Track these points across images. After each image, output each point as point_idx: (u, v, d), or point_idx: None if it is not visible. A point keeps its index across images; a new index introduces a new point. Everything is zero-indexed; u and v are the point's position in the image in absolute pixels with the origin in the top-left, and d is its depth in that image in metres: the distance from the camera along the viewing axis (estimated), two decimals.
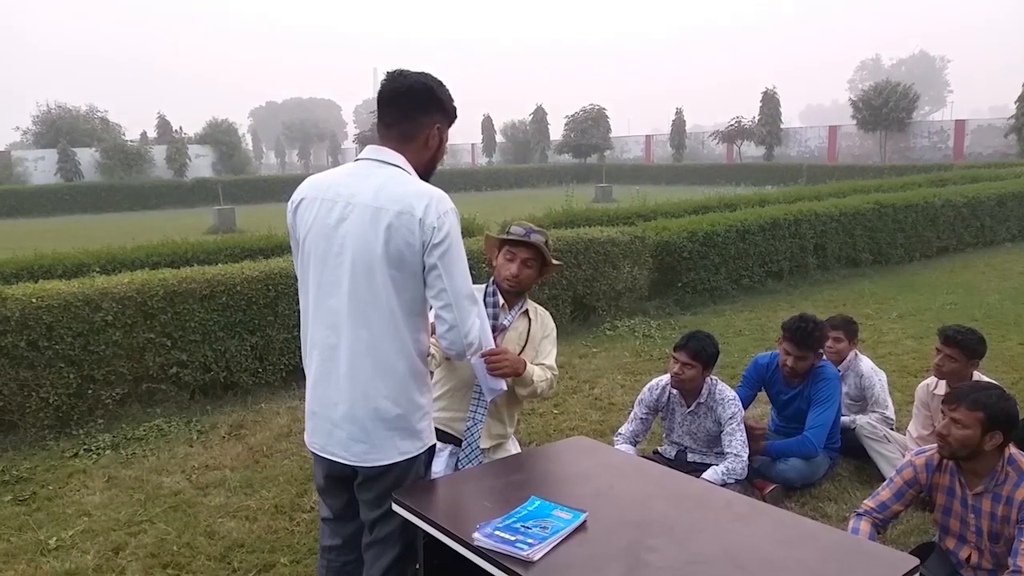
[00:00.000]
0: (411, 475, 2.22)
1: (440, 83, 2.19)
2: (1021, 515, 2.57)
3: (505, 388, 2.74)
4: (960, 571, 2.84)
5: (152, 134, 44.85)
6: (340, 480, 2.29)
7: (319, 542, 2.51)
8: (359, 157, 2.20)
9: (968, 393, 2.67)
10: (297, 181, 2.33)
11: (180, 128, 41.86)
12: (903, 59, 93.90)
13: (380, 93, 2.17)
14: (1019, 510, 2.58)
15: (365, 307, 2.07)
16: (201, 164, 40.90)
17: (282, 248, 7.27)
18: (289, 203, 2.24)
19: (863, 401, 4.36)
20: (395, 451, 2.14)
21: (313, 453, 2.28)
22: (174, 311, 5.19)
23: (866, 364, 4.41)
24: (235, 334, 5.45)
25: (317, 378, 2.19)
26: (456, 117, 2.26)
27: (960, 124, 34.99)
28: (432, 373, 2.92)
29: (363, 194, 2.07)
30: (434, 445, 2.31)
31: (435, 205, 2.04)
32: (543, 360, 3.02)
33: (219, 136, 42.72)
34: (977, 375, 3.71)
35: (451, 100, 2.21)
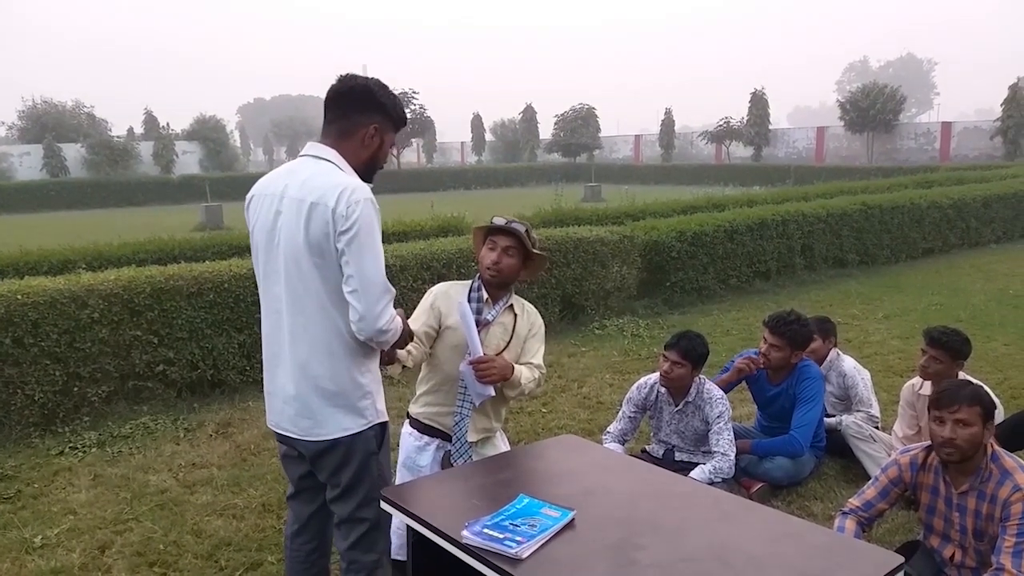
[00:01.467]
0: (359, 452, 2.29)
1: (385, 87, 2.29)
2: (1005, 513, 2.59)
3: (493, 394, 2.76)
4: (944, 569, 2.87)
5: (139, 130, 44.52)
6: (295, 456, 2.41)
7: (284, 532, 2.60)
8: (301, 154, 2.32)
9: (960, 392, 2.66)
10: None
11: (167, 124, 41.47)
12: (890, 61, 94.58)
13: (327, 93, 2.29)
14: (1003, 508, 2.60)
15: (298, 294, 2.21)
16: (188, 161, 40.63)
17: None
18: (245, 201, 2.37)
19: (848, 400, 4.38)
20: (338, 427, 2.25)
21: (272, 430, 2.40)
22: (161, 308, 5.17)
23: (848, 363, 4.43)
24: (223, 332, 5.43)
25: (268, 360, 2.35)
26: (402, 124, 2.36)
27: (946, 126, 35.23)
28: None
29: (293, 188, 2.20)
30: (384, 423, 2.38)
31: (347, 195, 2.12)
32: (530, 359, 3.03)
33: (206, 133, 42.44)
34: (962, 375, 3.74)
35: (396, 106, 2.31)
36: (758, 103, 38.44)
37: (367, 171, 2.31)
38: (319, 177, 2.17)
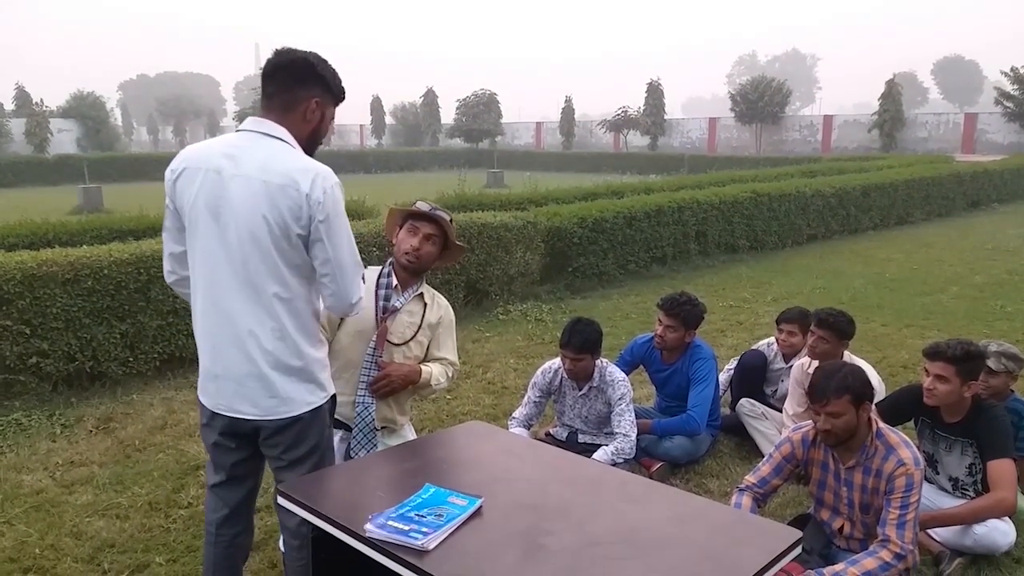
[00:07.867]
0: (315, 427, 2.31)
1: (324, 61, 2.26)
2: (889, 487, 2.73)
3: None
4: (833, 540, 3.01)
5: (10, 107, 41.36)
6: (239, 436, 2.34)
7: (205, 521, 2.50)
8: (240, 128, 2.23)
9: (827, 385, 2.73)
10: (171, 159, 2.27)
11: (41, 100, 38.61)
12: (777, 56, 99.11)
13: (264, 67, 2.23)
14: (887, 482, 2.74)
15: (254, 276, 2.15)
16: (64, 139, 38.13)
17: (155, 229, 6.85)
18: (168, 172, 2.23)
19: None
20: (303, 403, 2.26)
21: (211, 412, 2.31)
22: (33, 296, 4.79)
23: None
24: (103, 321, 5.09)
25: (216, 343, 2.24)
26: (342, 97, 2.34)
27: (828, 119, 37.21)
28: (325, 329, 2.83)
29: (248, 165, 2.13)
30: (335, 396, 2.39)
31: (320, 180, 2.13)
32: (443, 354, 3.02)
33: (84, 110, 39.94)
34: (847, 355, 3.93)
35: (336, 80, 2.28)
36: (654, 93, 39.45)
37: (309, 146, 2.27)
38: (282, 159, 2.14)
